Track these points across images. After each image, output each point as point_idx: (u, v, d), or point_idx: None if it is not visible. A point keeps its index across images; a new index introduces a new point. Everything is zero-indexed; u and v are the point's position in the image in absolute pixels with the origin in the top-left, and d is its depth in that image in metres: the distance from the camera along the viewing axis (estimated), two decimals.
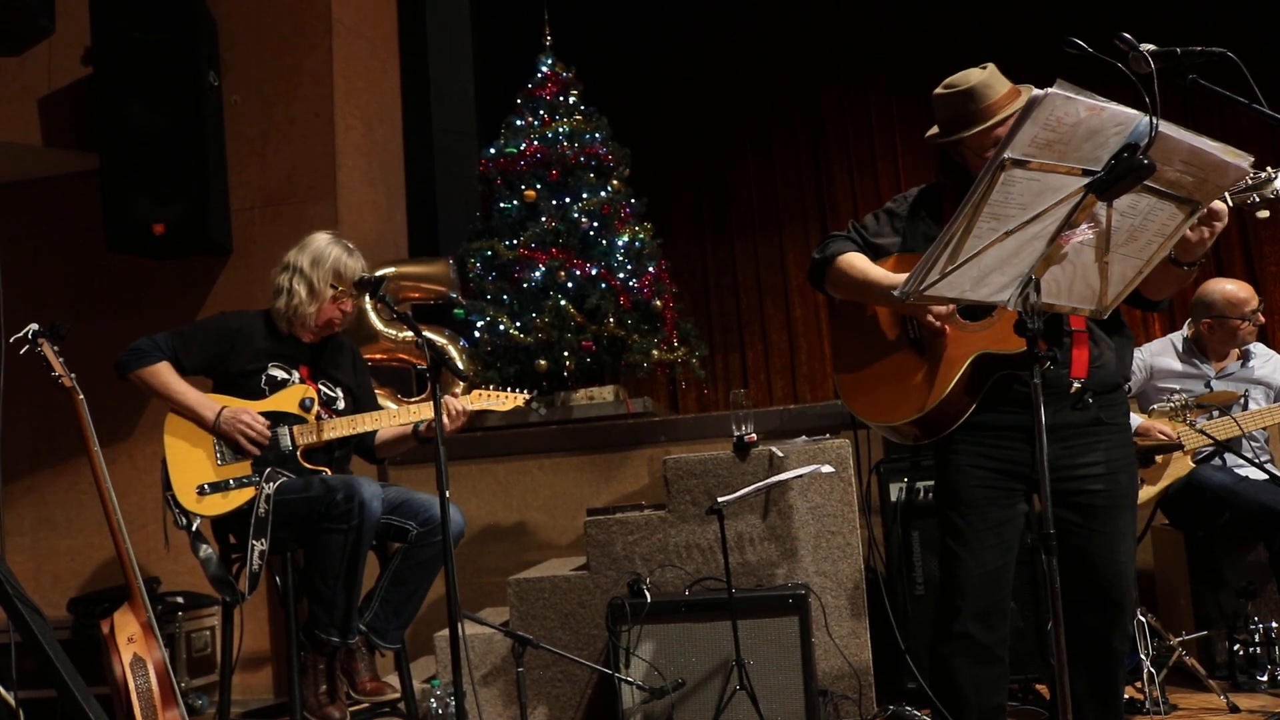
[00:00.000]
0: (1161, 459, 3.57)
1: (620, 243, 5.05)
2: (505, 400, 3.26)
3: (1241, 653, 3.48)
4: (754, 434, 3.48)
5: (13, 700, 2.47)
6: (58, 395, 2.77)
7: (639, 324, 4.98)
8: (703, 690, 3.11)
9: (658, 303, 5.06)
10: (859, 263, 2.39)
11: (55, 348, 2.79)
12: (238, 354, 3.17)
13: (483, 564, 4.55)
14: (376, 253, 4.63)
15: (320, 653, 3.06)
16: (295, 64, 4.73)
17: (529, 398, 3.32)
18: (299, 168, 4.70)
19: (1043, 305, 1.83)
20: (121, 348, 3.11)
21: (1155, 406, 3.62)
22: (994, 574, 2.31)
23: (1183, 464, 3.57)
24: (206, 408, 3.06)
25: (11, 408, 3.58)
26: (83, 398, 2.77)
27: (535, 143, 5.18)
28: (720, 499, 2.97)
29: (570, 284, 4.92)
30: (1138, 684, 3.20)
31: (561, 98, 5.35)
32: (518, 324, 4.90)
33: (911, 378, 2.36)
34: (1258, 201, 2.11)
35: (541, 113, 5.31)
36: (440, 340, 4.78)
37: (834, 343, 2.58)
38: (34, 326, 2.77)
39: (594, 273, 4.94)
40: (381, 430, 3.29)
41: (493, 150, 5.30)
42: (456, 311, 5.06)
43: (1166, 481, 3.56)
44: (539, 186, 5.12)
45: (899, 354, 2.40)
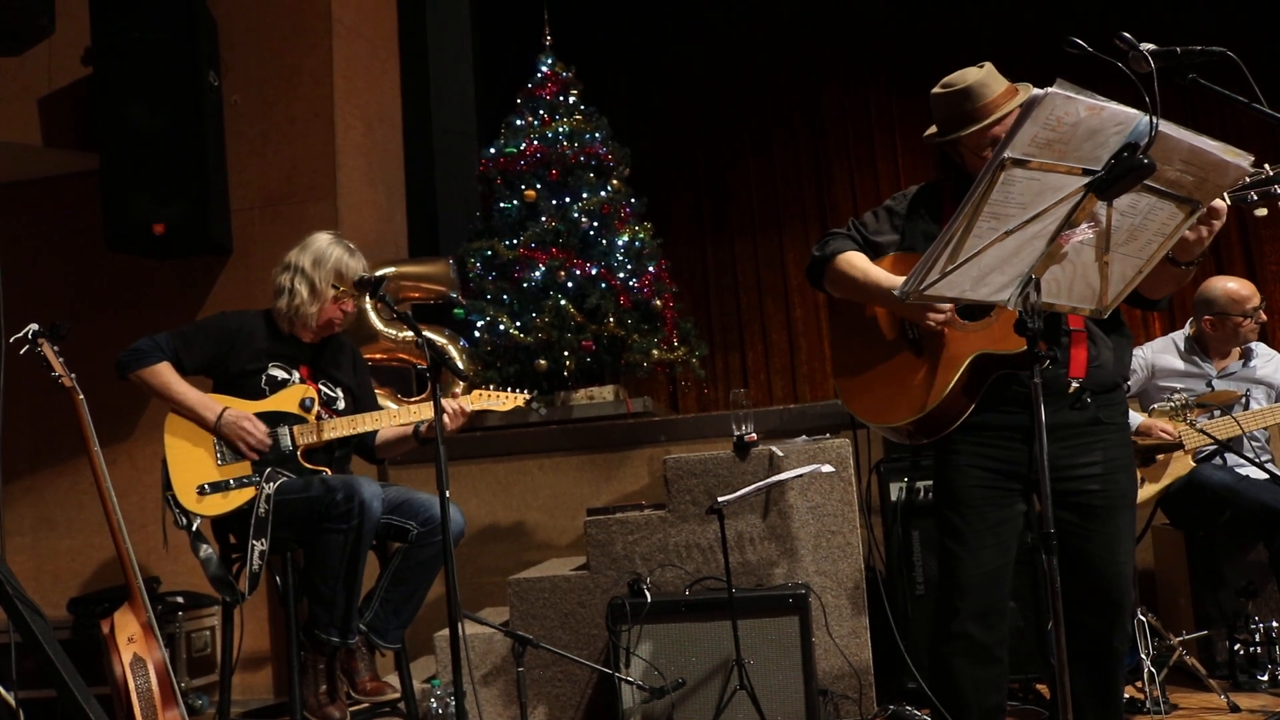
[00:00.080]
0: (1162, 458, 3.56)
1: (620, 242, 5.05)
2: (505, 400, 3.27)
3: (1242, 652, 3.48)
4: (754, 434, 3.48)
5: (13, 700, 2.47)
6: (58, 395, 2.77)
7: (639, 324, 4.98)
8: (703, 690, 3.11)
9: (658, 302, 5.06)
10: (859, 262, 2.40)
11: (55, 348, 2.79)
12: (238, 354, 3.17)
13: (483, 564, 4.55)
14: (376, 253, 4.63)
15: (320, 653, 3.06)
16: (295, 64, 4.73)
17: (529, 398, 3.32)
18: (299, 168, 4.70)
19: (1043, 305, 1.83)
20: (121, 348, 3.10)
21: (1156, 406, 3.61)
22: (993, 574, 2.31)
23: (1183, 463, 3.56)
24: (208, 408, 3.06)
25: (11, 408, 3.60)
26: (83, 398, 2.77)
27: (535, 142, 5.19)
28: (720, 499, 2.97)
29: (570, 284, 4.92)
30: (1138, 683, 3.20)
31: (561, 98, 5.35)
32: (518, 324, 4.90)
33: (910, 378, 2.35)
34: (1255, 200, 2.11)
35: (541, 112, 5.31)
36: (440, 340, 4.78)
37: (833, 343, 2.57)
38: (34, 326, 2.77)
39: (594, 272, 4.94)
40: (382, 431, 3.29)
41: (493, 150, 5.30)
42: (456, 311, 5.06)
43: (1167, 480, 3.56)
44: (539, 186, 5.13)
45: (898, 354, 2.40)
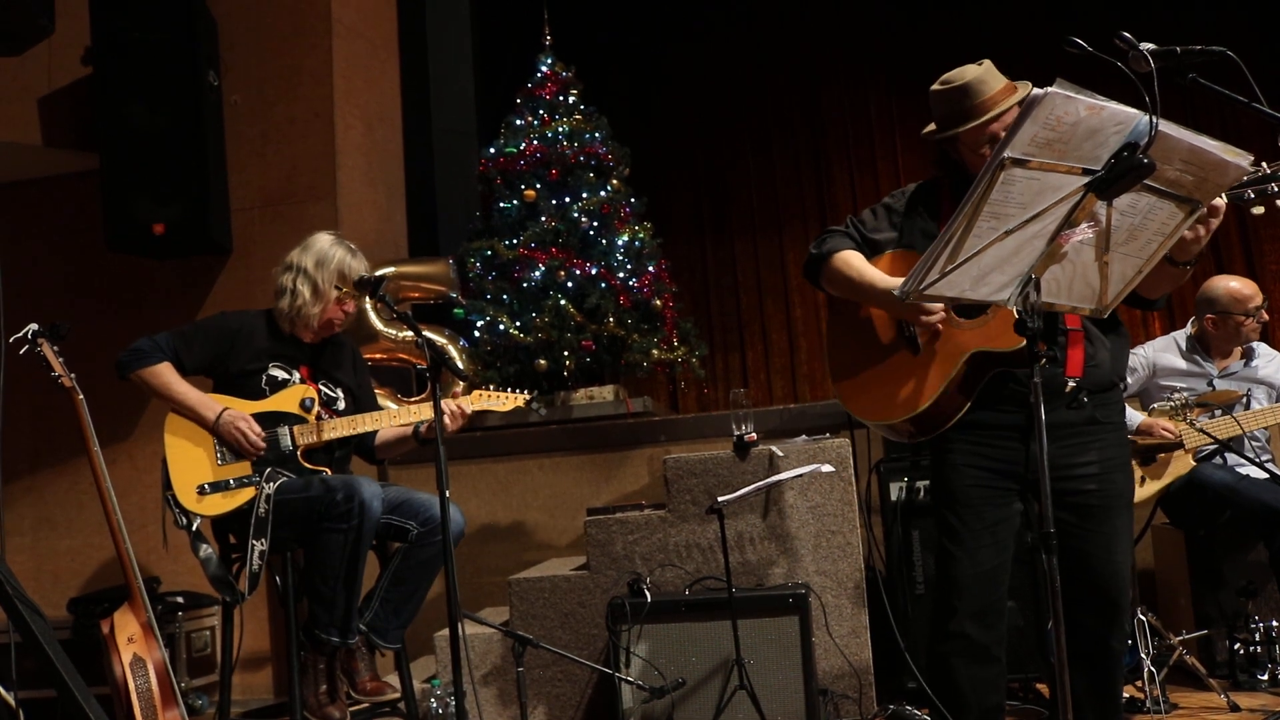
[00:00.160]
0: (1163, 457, 3.56)
1: (620, 242, 5.05)
2: (505, 401, 3.27)
3: (1242, 652, 3.48)
4: (754, 433, 3.48)
5: (13, 700, 2.47)
6: (58, 395, 2.77)
7: (639, 324, 4.98)
8: (703, 690, 3.11)
9: (658, 302, 5.06)
10: (855, 261, 2.40)
11: (55, 348, 2.79)
12: (238, 354, 3.17)
13: (483, 564, 4.55)
14: (376, 253, 4.63)
15: (320, 652, 3.06)
16: (295, 64, 4.73)
17: (529, 398, 3.32)
18: (299, 168, 4.70)
19: (1043, 305, 1.83)
20: (121, 348, 3.10)
21: (1156, 405, 3.61)
22: (990, 573, 2.31)
23: (1184, 462, 3.56)
24: (207, 408, 3.06)
25: (11, 408, 3.60)
26: (83, 398, 2.77)
27: (535, 142, 5.19)
28: (720, 498, 2.97)
29: (570, 284, 4.92)
30: (1138, 683, 3.20)
31: (561, 97, 5.35)
32: (518, 324, 4.90)
33: (907, 376, 2.35)
34: (1252, 197, 2.11)
35: (541, 112, 5.31)
36: (440, 340, 4.78)
37: (830, 341, 2.56)
38: (34, 326, 2.77)
39: (594, 272, 4.94)
40: (382, 431, 3.29)
41: (492, 150, 5.30)
42: (456, 311, 5.06)
43: (1167, 480, 3.56)
44: (539, 186, 5.13)
45: (894, 352, 2.40)
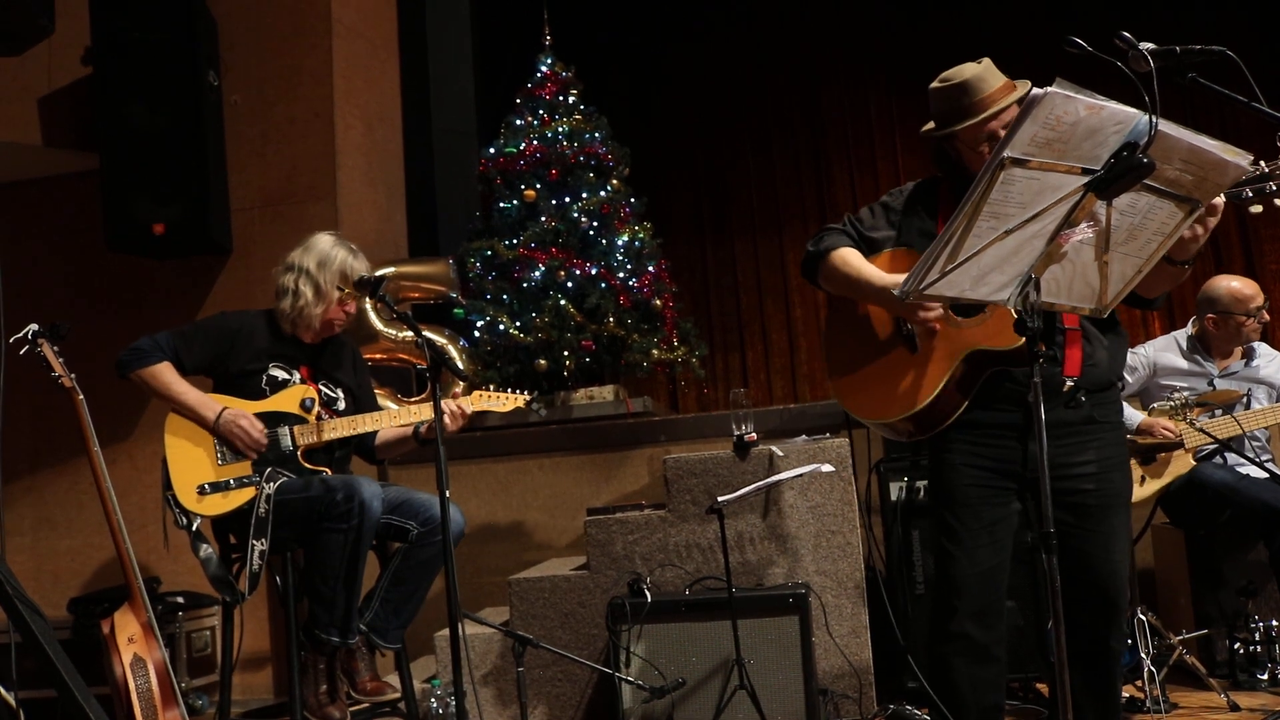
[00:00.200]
0: (1163, 456, 3.56)
1: (620, 242, 5.05)
2: (506, 401, 3.27)
3: (1242, 651, 3.48)
4: (754, 433, 3.48)
5: (13, 700, 2.47)
6: (58, 395, 2.76)
7: (639, 324, 4.98)
8: (703, 689, 3.11)
9: (657, 302, 5.06)
10: (853, 259, 2.39)
11: (55, 348, 2.79)
12: (238, 354, 3.17)
13: (483, 564, 4.55)
14: (376, 253, 4.62)
15: (320, 652, 3.06)
16: (295, 64, 4.73)
17: (529, 399, 3.32)
18: (299, 168, 4.70)
19: (1043, 304, 1.83)
20: (121, 348, 3.10)
21: (1156, 405, 3.61)
22: (989, 573, 2.31)
23: (1184, 462, 3.56)
24: (207, 408, 3.05)
25: (11, 408, 3.59)
26: (83, 398, 2.77)
27: (535, 142, 5.19)
28: (720, 498, 2.97)
29: (570, 284, 4.92)
30: (1138, 683, 3.20)
31: (561, 97, 5.35)
32: (518, 324, 4.90)
33: (904, 374, 2.35)
34: (1250, 196, 2.11)
35: (541, 112, 5.32)
36: (440, 340, 4.78)
37: (828, 339, 2.55)
38: (34, 326, 2.77)
39: (594, 272, 4.94)
40: (382, 432, 3.29)
41: (492, 150, 5.30)
42: (456, 311, 5.06)
43: (1167, 479, 3.56)
44: (539, 186, 5.13)
45: (892, 351, 2.39)
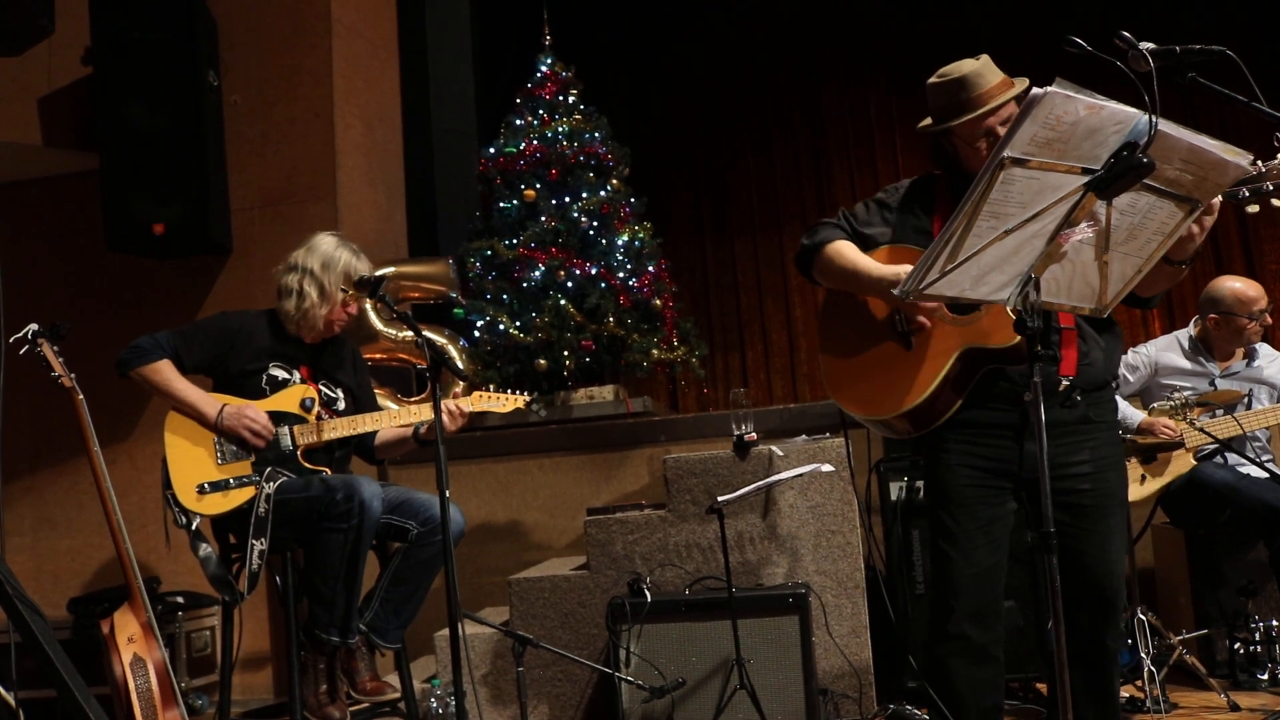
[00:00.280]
0: (1164, 456, 3.56)
1: (620, 242, 5.05)
2: (506, 402, 3.27)
3: (1242, 651, 3.48)
4: (754, 433, 3.48)
5: (13, 700, 2.47)
6: (58, 395, 2.76)
7: (639, 323, 4.98)
8: (703, 689, 3.11)
9: (657, 302, 5.06)
10: (848, 251, 2.38)
11: (55, 348, 2.79)
12: (238, 353, 3.17)
13: (483, 564, 4.55)
14: (376, 253, 4.62)
15: (320, 652, 3.06)
16: (295, 64, 4.73)
17: (529, 399, 3.32)
18: (299, 168, 4.70)
19: (1042, 304, 1.83)
20: (121, 348, 3.10)
21: (1156, 404, 3.61)
22: (986, 573, 2.30)
23: (1184, 461, 3.56)
24: (208, 405, 3.06)
25: (11, 408, 3.60)
26: (83, 398, 2.76)
27: (535, 142, 5.19)
28: (720, 498, 2.97)
29: (570, 284, 4.92)
30: (1138, 682, 3.20)
31: (561, 97, 5.35)
32: (518, 324, 4.90)
33: (899, 371, 2.34)
34: (1247, 195, 2.11)
35: (541, 112, 5.32)
36: (440, 340, 4.78)
37: (822, 336, 2.53)
38: (34, 326, 2.77)
39: (594, 272, 4.94)
40: (381, 432, 3.29)
41: (492, 150, 5.30)
42: (456, 311, 5.06)
43: (1168, 479, 3.56)
44: (539, 186, 5.13)
45: (886, 347, 2.38)
